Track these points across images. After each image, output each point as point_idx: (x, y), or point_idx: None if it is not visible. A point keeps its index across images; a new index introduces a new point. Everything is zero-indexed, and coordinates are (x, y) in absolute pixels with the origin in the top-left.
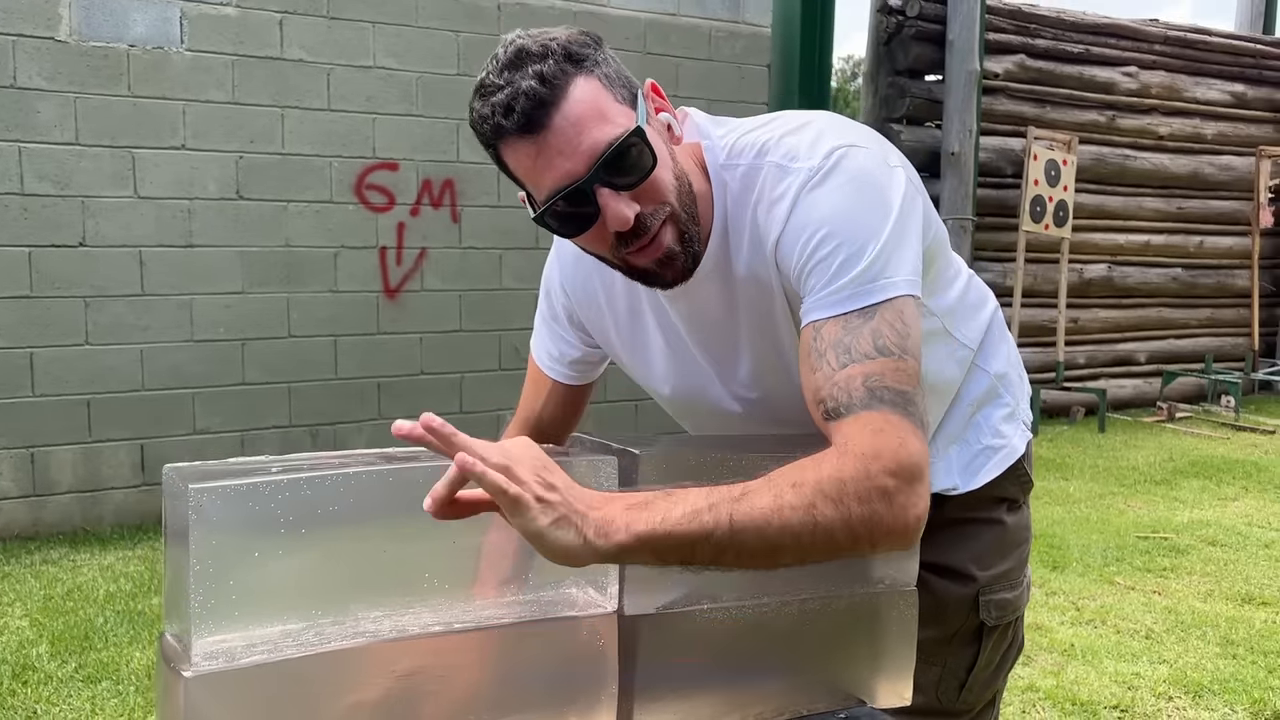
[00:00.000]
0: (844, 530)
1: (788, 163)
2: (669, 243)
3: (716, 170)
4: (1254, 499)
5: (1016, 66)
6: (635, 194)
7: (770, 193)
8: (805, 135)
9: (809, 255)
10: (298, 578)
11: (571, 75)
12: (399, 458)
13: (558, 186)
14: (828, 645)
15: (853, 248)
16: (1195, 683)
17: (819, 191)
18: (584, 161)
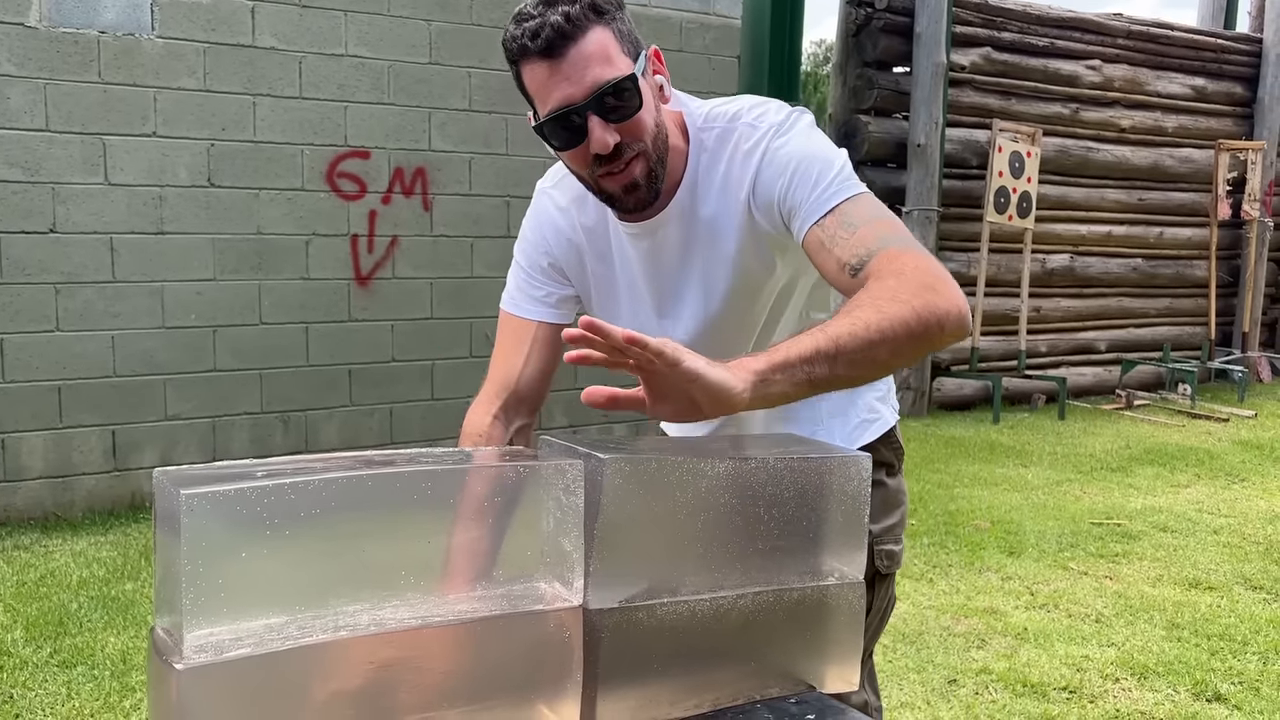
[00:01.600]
0: (914, 316)
1: (757, 122)
2: (636, 175)
3: (695, 131)
4: (1205, 485)
5: (983, 59)
6: (619, 127)
7: (744, 144)
8: (770, 106)
9: (789, 182)
10: (281, 575)
11: (592, 21)
12: (377, 462)
13: (560, 106)
14: (780, 635)
15: (823, 164)
16: (1141, 665)
17: (784, 139)
18: (585, 91)
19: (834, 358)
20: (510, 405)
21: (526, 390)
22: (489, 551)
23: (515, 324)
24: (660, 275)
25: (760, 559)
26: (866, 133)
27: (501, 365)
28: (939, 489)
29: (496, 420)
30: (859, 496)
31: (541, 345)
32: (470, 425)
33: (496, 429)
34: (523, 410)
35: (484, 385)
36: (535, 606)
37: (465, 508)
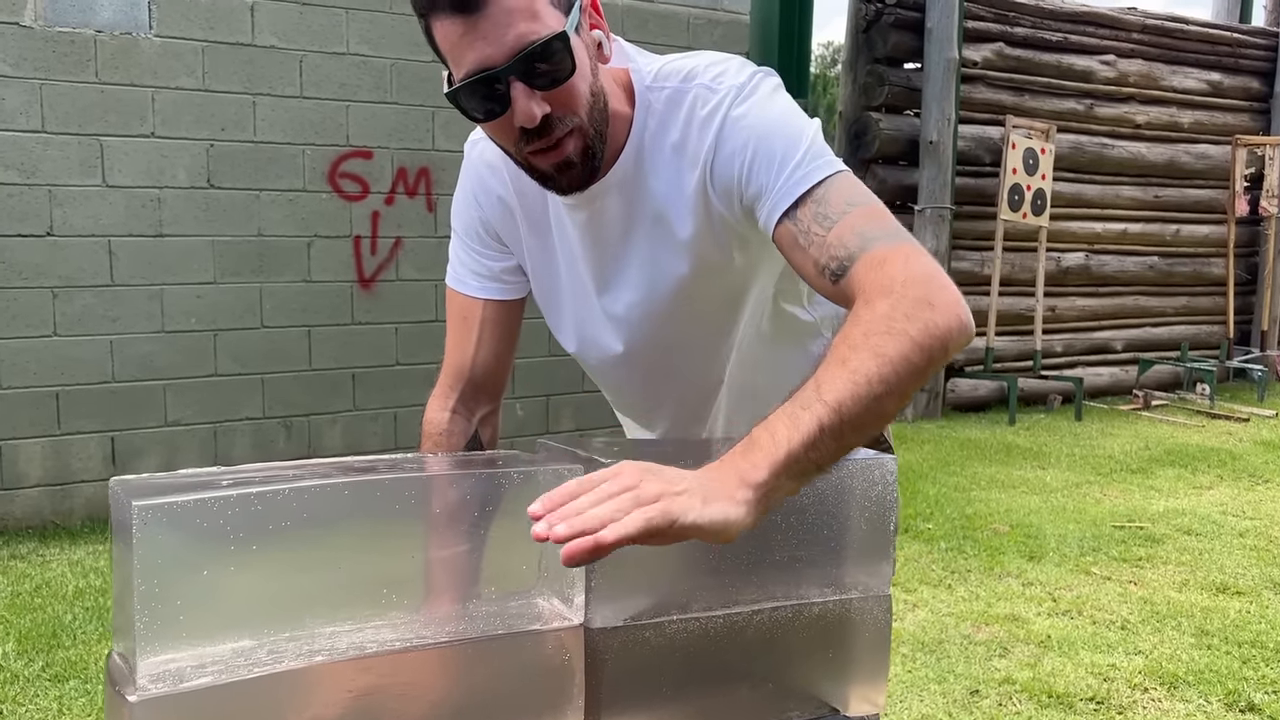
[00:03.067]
0: (914, 349)
1: (715, 84)
2: (570, 152)
3: (642, 90)
4: (1228, 487)
5: (995, 55)
6: (548, 95)
7: (701, 110)
8: (731, 64)
9: (750, 160)
10: (250, 595)
11: None
12: (355, 468)
13: (476, 70)
14: (800, 654)
15: (788, 142)
16: (1170, 674)
17: (747, 107)
18: (506, 52)
19: (840, 430)
20: (468, 395)
21: (483, 377)
22: (480, 566)
23: (461, 303)
24: (600, 251)
25: (778, 571)
26: (877, 130)
27: (454, 352)
28: (955, 492)
29: (456, 414)
30: (885, 501)
31: (492, 326)
32: (430, 424)
33: (457, 423)
34: (483, 398)
35: (439, 376)
36: (532, 626)
37: (454, 518)
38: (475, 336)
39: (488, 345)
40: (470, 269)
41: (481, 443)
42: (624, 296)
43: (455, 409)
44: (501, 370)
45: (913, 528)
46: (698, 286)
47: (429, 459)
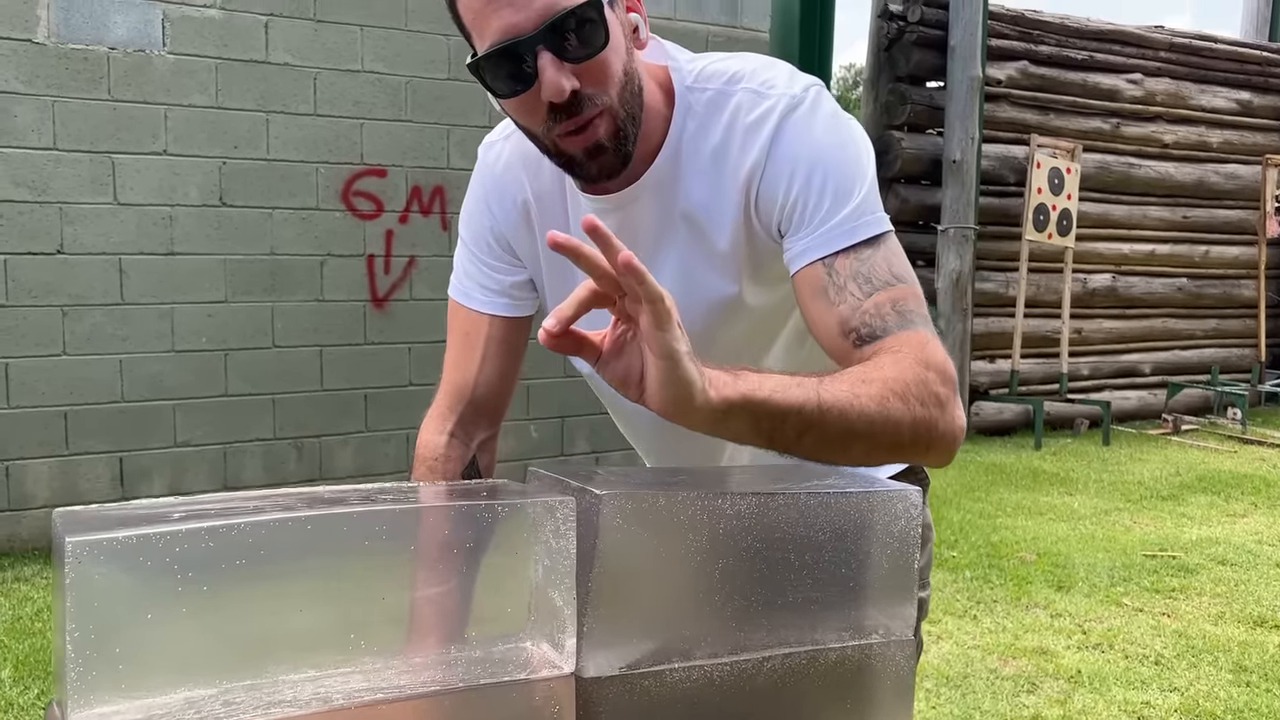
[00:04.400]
0: (909, 427)
1: (765, 89)
2: (601, 135)
3: (682, 90)
4: (1264, 515)
5: (1019, 73)
6: (578, 69)
7: (746, 117)
8: (779, 69)
9: (801, 189)
10: (202, 640)
11: None
12: (325, 500)
13: (502, 38)
14: (815, 705)
15: (844, 183)
16: (1209, 712)
17: (803, 124)
18: (534, 19)
19: (808, 427)
20: (467, 418)
21: (484, 399)
22: (461, 608)
23: (465, 317)
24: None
25: (791, 613)
26: (900, 149)
27: (454, 370)
28: (981, 519)
29: (454, 439)
30: (908, 538)
31: (498, 344)
32: (424, 448)
33: (454, 448)
34: (482, 422)
35: (437, 395)
36: (519, 675)
37: (433, 555)
38: (479, 355)
39: (492, 365)
40: (477, 282)
41: (480, 469)
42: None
43: (453, 432)
44: (504, 392)
45: (937, 555)
46: (731, 304)
47: (406, 489)
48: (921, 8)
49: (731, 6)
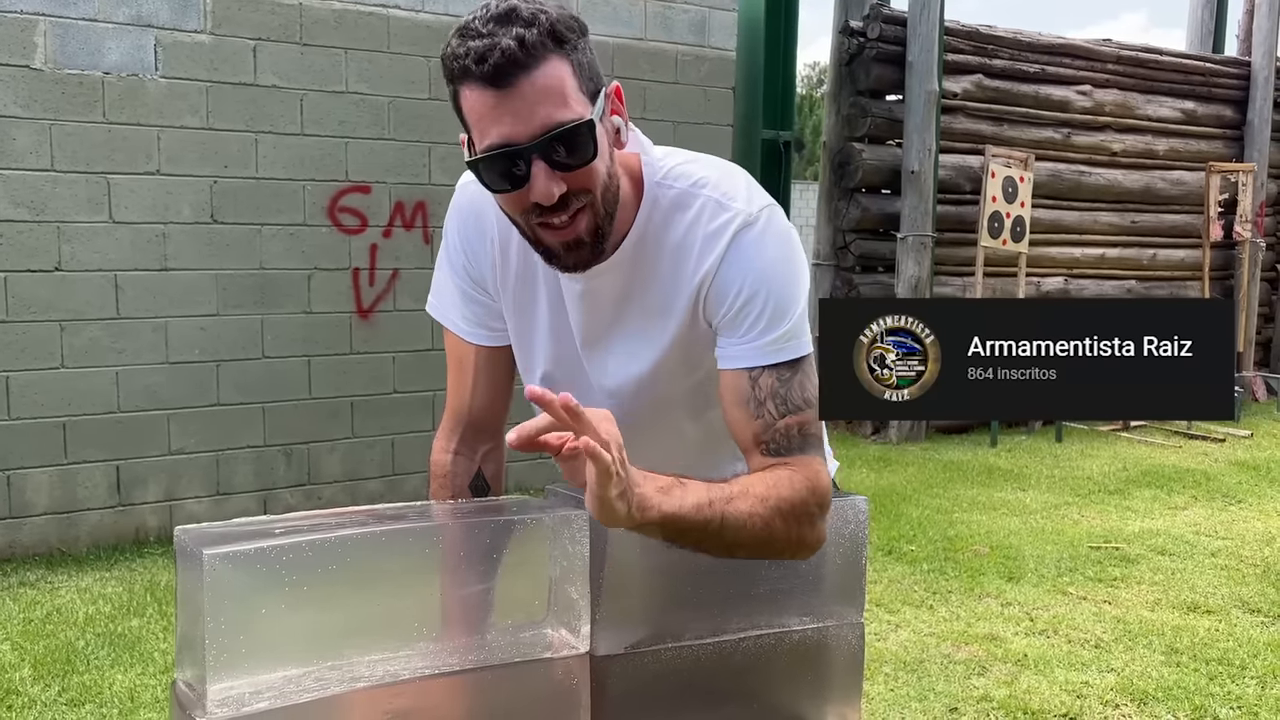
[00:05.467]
0: (784, 541)
1: (726, 200)
2: (581, 231)
3: (651, 185)
4: (1202, 508)
5: (974, 86)
6: (568, 177)
7: (708, 224)
8: (738, 182)
9: (744, 302)
10: (298, 629)
11: (550, 51)
12: (388, 516)
13: (501, 143)
14: (782, 676)
15: (781, 305)
16: (1141, 690)
17: (755, 242)
18: (533, 132)
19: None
20: (469, 436)
21: (481, 418)
22: (496, 602)
23: (455, 344)
24: (591, 318)
25: (761, 602)
26: (860, 160)
27: (452, 395)
28: (938, 514)
29: (459, 455)
30: (857, 539)
31: (486, 371)
32: (435, 465)
33: (460, 464)
34: (484, 436)
35: (444, 414)
36: (543, 654)
37: (475, 559)
38: (471, 381)
39: (483, 388)
40: (460, 312)
41: (485, 479)
42: (607, 361)
43: (458, 450)
44: (499, 410)
45: (896, 549)
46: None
47: (450, 507)
48: (880, 25)
49: (699, 27)
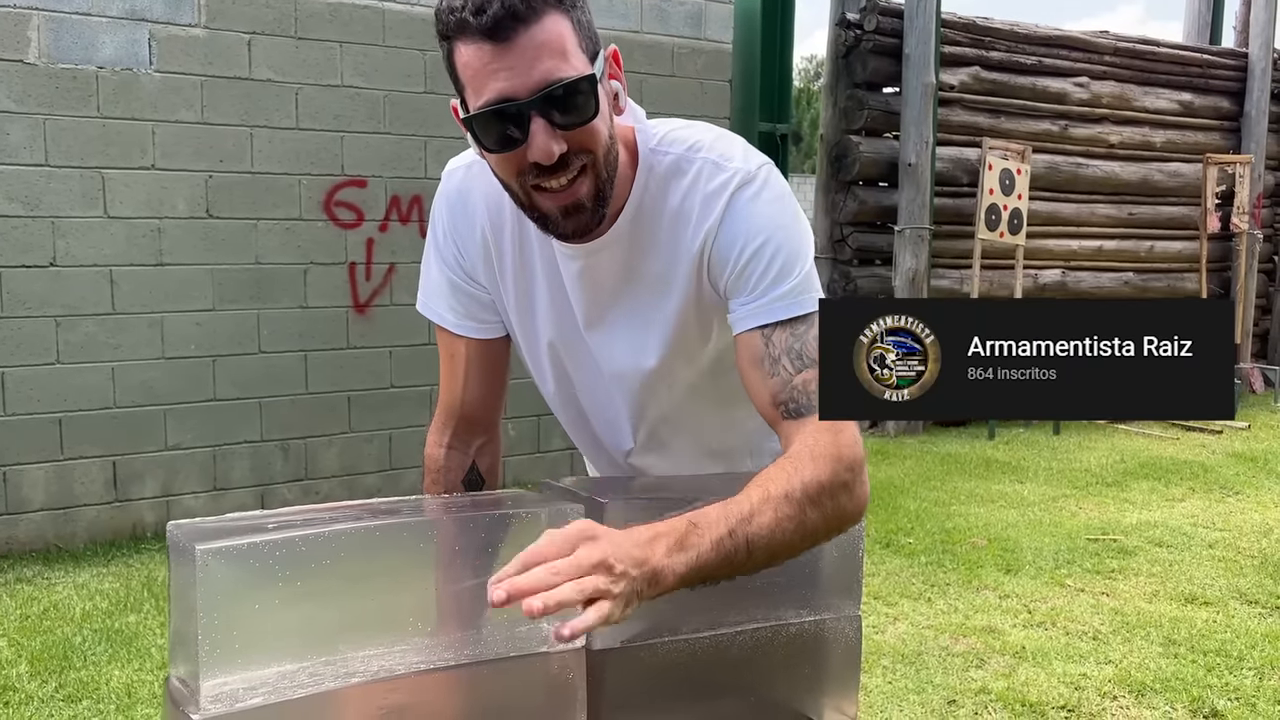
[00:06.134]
0: (823, 526)
1: (723, 161)
2: (581, 195)
3: (646, 152)
4: (1200, 499)
5: (971, 78)
6: (567, 135)
7: (706, 185)
8: (734, 143)
9: (748, 258)
10: (293, 624)
11: (550, 6)
12: (382, 511)
13: (498, 99)
14: (778, 669)
15: (789, 260)
16: (1138, 682)
17: (755, 199)
18: (531, 86)
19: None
20: (462, 430)
21: (473, 413)
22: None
23: (446, 338)
24: (592, 297)
25: (758, 595)
26: (857, 153)
27: (445, 389)
28: (935, 507)
29: (452, 449)
30: (854, 532)
31: (477, 365)
32: (429, 459)
33: (454, 458)
34: (477, 430)
35: (437, 407)
36: (539, 648)
37: (470, 553)
38: (462, 375)
39: (475, 384)
40: (448, 304)
41: (480, 473)
42: (609, 339)
43: (451, 444)
44: (492, 404)
45: (894, 542)
46: (680, 356)
47: (446, 501)
48: (877, 17)
49: (695, 20)
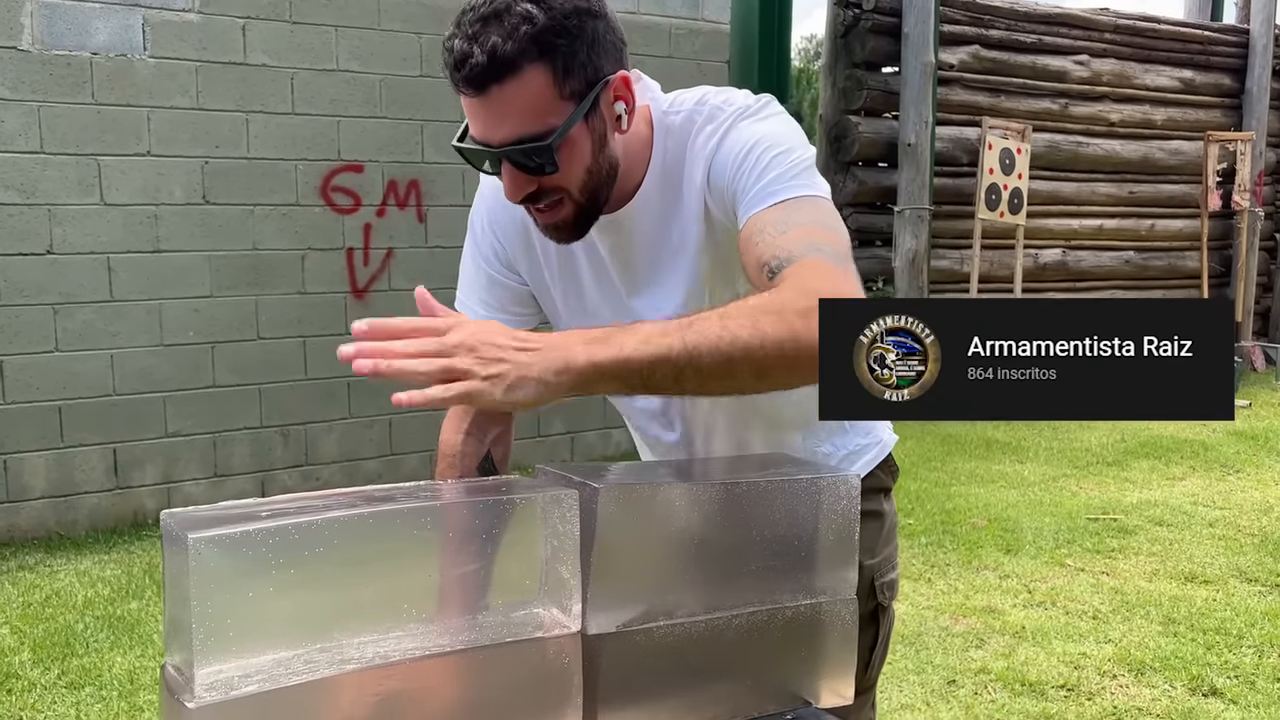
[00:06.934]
0: (791, 342)
1: (725, 104)
2: (560, 218)
3: (659, 115)
4: (1200, 478)
5: (971, 57)
6: (537, 178)
7: (710, 123)
8: (738, 92)
9: (741, 163)
10: (287, 612)
11: (527, 62)
12: (377, 498)
13: (477, 139)
14: (775, 653)
15: (781, 151)
16: (1138, 661)
17: (751, 120)
18: (499, 139)
19: (681, 371)
20: (480, 419)
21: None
22: (487, 581)
23: None
24: (631, 267)
25: (753, 579)
26: (857, 133)
27: None
28: (936, 487)
29: (470, 436)
30: (849, 515)
31: None
32: (445, 445)
33: (470, 445)
34: (495, 420)
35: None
36: (535, 634)
37: (464, 540)
38: None
39: None
40: (479, 297)
41: (494, 461)
42: (652, 301)
43: (469, 431)
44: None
45: None
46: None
47: (440, 487)
48: None
49: (693, 0)
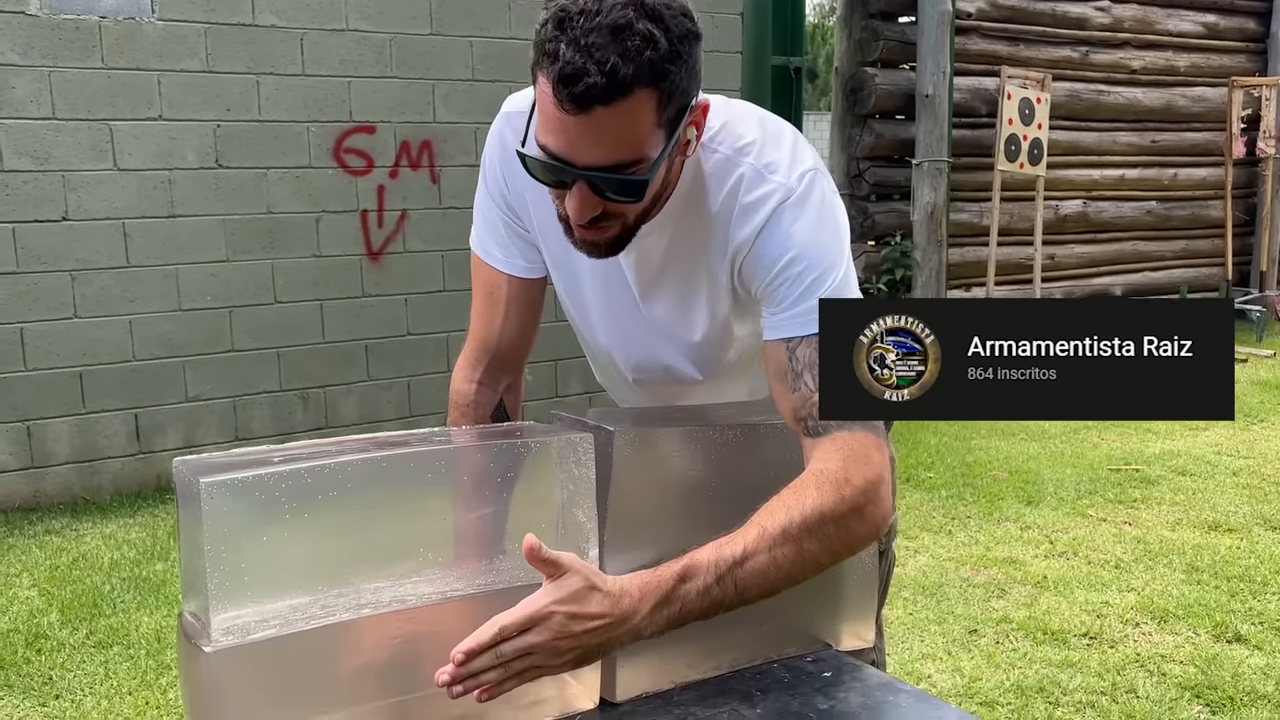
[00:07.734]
0: (827, 554)
1: (767, 173)
2: (604, 239)
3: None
4: (1224, 428)
5: (989, 5)
6: (607, 204)
7: (745, 196)
8: (783, 148)
9: (778, 272)
10: (302, 557)
11: (641, 85)
12: (390, 443)
13: (552, 150)
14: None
15: (819, 272)
16: (1161, 609)
17: (793, 216)
18: (587, 161)
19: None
20: (494, 367)
21: (508, 351)
22: (503, 526)
23: (487, 273)
24: (643, 269)
25: None
26: (873, 85)
27: (479, 324)
28: (956, 441)
29: (482, 385)
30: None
31: (518, 303)
32: (457, 394)
33: (483, 394)
34: (508, 368)
35: (465, 343)
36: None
37: (480, 484)
38: (501, 312)
39: (513, 321)
40: (495, 241)
41: (506, 411)
42: (660, 308)
43: (481, 380)
44: (526, 343)
45: (914, 477)
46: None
47: (455, 432)
48: None
49: None
